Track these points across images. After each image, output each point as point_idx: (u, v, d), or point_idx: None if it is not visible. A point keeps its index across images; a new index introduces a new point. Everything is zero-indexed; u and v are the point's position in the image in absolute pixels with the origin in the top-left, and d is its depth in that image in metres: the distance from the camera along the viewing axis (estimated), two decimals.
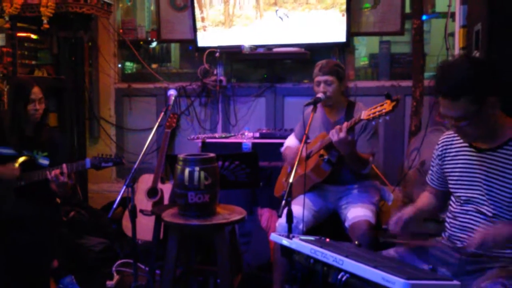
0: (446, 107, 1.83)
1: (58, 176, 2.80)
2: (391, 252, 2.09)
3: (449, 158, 2.06)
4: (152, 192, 3.87)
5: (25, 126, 2.99)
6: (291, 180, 2.17)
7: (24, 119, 2.95)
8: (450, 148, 2.07)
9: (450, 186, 2.05)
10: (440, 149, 2.11)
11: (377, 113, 2.26)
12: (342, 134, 2.43)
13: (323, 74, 2.77)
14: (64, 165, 2.83)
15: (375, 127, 2.72)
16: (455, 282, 1.52)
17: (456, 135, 2.05)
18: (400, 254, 2.06)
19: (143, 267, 3.26)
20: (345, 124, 2.47)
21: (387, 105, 2.22)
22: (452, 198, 2.05)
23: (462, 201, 1.98)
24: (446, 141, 2.10)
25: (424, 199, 2.21)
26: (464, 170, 1.98)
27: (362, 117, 2.37)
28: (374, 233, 2.55)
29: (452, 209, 2.04)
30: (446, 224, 2.06)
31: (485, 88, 1.78)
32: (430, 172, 2.21)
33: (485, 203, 1.90)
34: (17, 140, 2.96)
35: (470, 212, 1.94)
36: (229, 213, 2.54)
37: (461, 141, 2.02)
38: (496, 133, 1.88)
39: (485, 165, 1.90)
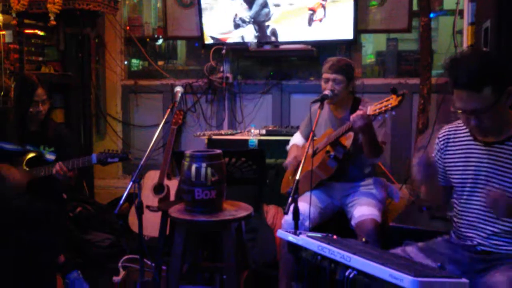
0: (465, 100, 1.77)
1: (59, 171, 2.81)
2: (398, 251, 2.08)
3: (451, 152, 2.02)
4: (158, 188, 3.88)
5: (30, 123, 3.01)
6: (297, 177, 2.16)
7: (28, 117, 2.96)
8: (453, 142, 2.02)
9: (454, 181, 2.01)
10: (442, 142, 2.06)
11: (383, 108, 2.25)
12: (364, 115, 2.40)
13: (333, 72, 2.74)
14: (60, 162, 2.84)
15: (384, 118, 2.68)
16: (463, 280, 1.51)
17: (458, 128, 2.01)
18: (408, 253, 2.04)
19: (149, 263, 3.25)
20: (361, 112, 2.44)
21: (393, 100, 2.21)
22: (456, 196, 2.02)
23: (467, 198, 1.95)
24: (448, 135, 2.05)
25: None
26: (470, 164, 1.94)
27: (368, 113, 2.35)
28: (380, 232, 2.54)
29: (457, 208, 2.01)
30: (454, 223, 2.04)
31: (504, 77, 1.75)
32: None
33: None
34: (21, 136, 2.97)
35: (477, 210, 1.92)
36: (236, 210, 2.54)
37: (465, 134, 1.98)
38: (504, 126, 1.86)
39: (493, 158, 1.87)
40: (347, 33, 4.10)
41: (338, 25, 4.11)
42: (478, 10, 2.97)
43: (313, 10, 4.15)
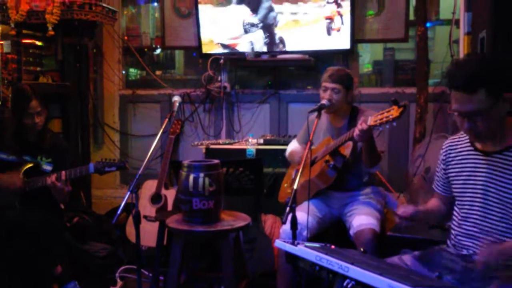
0: (460, 101, 1.78)
1: (55, 183, 2.80)
2: (395, 259, 2.07)
3: (454, 163, 2.04)
4: (156, 198, 3.86)
5: (28, 133, 3.00)
6: (295, 186, 2.16)
7: (25, 128, 2.96)
8: (455, 152, 2.04)
9: (455, 191, 2.03)
10: (444, 153, 2.09)
11: (384, 119, 2.25)
12: (365, 126, 2.40)
13: (332, 82, 2.76)
14: (62, 172, 2.83)
15: None
16: None
17: (460, 139, 2.03)
18: (405, 262, 2.04)
19: (146, 273, 3.25)
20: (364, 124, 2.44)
21: (394, 111, 2.21)
22: (456, 205, 2.03)
23: (467, 208, 1.96)
24: (450, 145, 2.08)
25: (433, 203, 2.19)
26: (470, 174, 1.96)
27: (368, 123, 2.35)
28: (379, 241, 2.54)
29: (456, 216, 2.02)
30: (452, 231, 2.04)
31: (502, 82, 1.76)
32: (435, 178, 2.19)
33: (490, 206, 1.88)
34: (18, 147, 2.97)
35: (474, 219, 1.92)
36: (234, 220, 2.54)
37: (466, 145, 2.00)
38: (503, 136, 1.87)
39: (491, 168, 1.88)
40: (344, 43, 4.13)
41: (336, 34, 4.13)
42: (474, 20, 2.99)
43: (330, 19, 4.15)
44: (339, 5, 4.09)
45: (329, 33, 4.16)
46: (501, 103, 1.77)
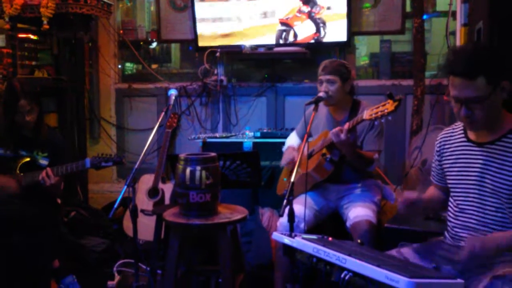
0: (459, 87, 1.78)
1: (45, 179, 2.79)
2: (393, 253, 2.08)
3: (447, 154, 2.05)
4: (153, 192, 3.86)
5: (22, 128, 2.98)
6: (292, 179, 2.16)
7: (18, 125, 2.94)
8: (449, 144, 2.05)
9: (450, 182, 2.03)
10: (438, 145, 2.10)
11: (379, 113, 2.25)
12: (343, 136, 2.43)
13: (326, 74, 2.77)
14: (48, 169, 2.82)
15: (382, 125, 2.70)
16: (458, 280, 1.51)
17: (454, 130, 2.04)
18: (403, 255, 2.04)
19: (144, 267, 3.24)
20: (346, 125, 2.46)
21: (389, 105, 2.21)
22: (451, 196, 2.03)
23: (462, 199, 1.96)
24: (444, 137, 2.09)
25: (431, 191, 2.20)
26: (464, 165, 1.96)
27: (364, 117, 2.35)
28: (376, 233, 2.54)
29: (452, 208, 2.02)
30: (448, 223, 2.05)
31: (500, 69, 1.77)
32: (432, 169, 2.19)
33: (486, 197, 1.88)
34: (14, 142, 2.95)
35: (470, 211, 1.93)
36: (231, 213, 2.53)
37: (460, 136, 2.01)
38: (496, 126, 1.87)
39: (484, 158, 1.89)
40: (341, 35, 4.11)
41: (332, 27, 4.12)
42: (471, 11, 2.99)
43: (287, 25, 4.00)
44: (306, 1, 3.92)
45: (277, 42, 4.11)
46: (498, 91, 1.78)
